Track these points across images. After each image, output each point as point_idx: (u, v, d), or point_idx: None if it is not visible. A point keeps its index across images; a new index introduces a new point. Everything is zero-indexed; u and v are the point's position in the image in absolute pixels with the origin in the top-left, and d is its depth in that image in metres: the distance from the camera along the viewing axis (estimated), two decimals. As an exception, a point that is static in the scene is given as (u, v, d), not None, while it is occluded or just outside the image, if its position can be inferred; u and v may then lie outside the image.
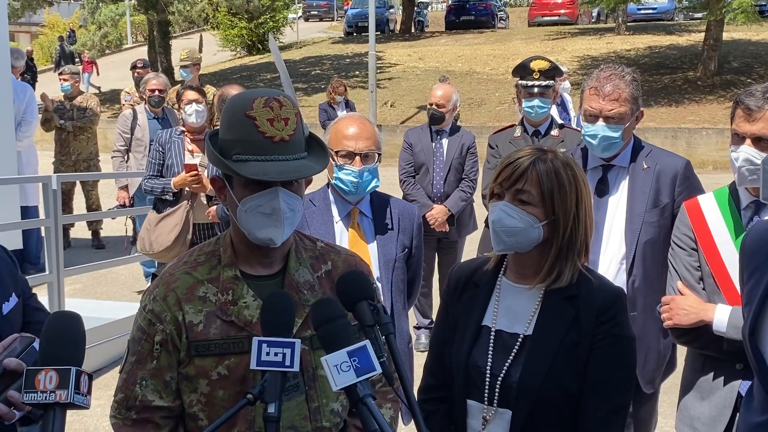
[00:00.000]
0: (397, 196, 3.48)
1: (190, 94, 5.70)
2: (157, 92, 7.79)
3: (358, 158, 3.03)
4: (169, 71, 22.66)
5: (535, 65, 5.01)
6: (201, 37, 27.59)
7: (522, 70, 5.07)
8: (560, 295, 2.15)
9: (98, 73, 29.19)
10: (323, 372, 1.98)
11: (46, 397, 1.55)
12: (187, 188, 5.55)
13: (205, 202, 5.63)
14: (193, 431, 2.01)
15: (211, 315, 1.97)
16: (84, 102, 9.34)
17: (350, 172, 3.02)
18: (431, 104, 6.14)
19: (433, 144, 6.17)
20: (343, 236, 3.10)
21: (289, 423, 1.97)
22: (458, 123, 6.93)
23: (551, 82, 5.03)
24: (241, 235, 2.00)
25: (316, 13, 44.81)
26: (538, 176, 2.11)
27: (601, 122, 3.07)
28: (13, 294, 2.29)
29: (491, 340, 2.18)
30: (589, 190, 2.21)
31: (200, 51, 10.91)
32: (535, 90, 4.98)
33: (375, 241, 3.13)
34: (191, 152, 5.72)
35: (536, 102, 5.00)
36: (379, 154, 3.12)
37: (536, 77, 4.98)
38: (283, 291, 1.97)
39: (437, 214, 6.05)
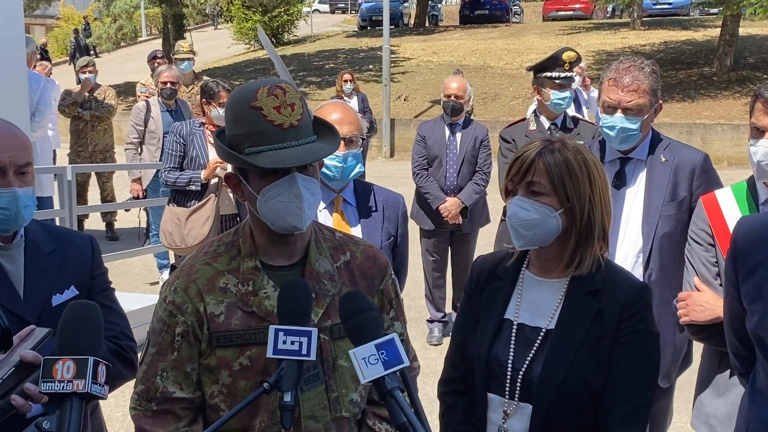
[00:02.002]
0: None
1: (227, 95, 5.71)
2: (169, 84, 7.78)
3: (342, 143, 2.98)
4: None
5: (567, 56, 4.99)
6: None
7: (553, 62, 5.03)
8: (584, 289, 2.12)
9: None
10: (343, 362, 1.97)
11: (63, 386, 1.55)
12: (213, 180, 5.58)
13: (231, 195, 5.63)
14: (214, 422, 1.99)
15: (232, 306, 1.96)
16: (102, 94, 9.39)
17: (334, 157, 2.96)
18: (449, 96, 6.12)
19: (447, 137, 6.16)
20: (327, 224, 3.06)
21: (309, 413, 1.97)
22: (472, 117, 6.91)
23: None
24: (260, 226, 1.98)
25: (342, 5, 45.24)
26: (546, 166, 2.09)
27: (619, 114, 3.03)
28: (72, 287, 2.27)
29: (513, 334, 2.16)
30: (603, 174, 2.18)
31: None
32: (565, 81, 4.97)
33: (359, 229, 3.08)
34: (214, 144, 5.73)
35: (568, 93, 5.00)
36: (363, 140, 3.08)
37: (566, 68, 4.97)
38: (299, 279, 1.96)
39: (451, 206, 6.06)
